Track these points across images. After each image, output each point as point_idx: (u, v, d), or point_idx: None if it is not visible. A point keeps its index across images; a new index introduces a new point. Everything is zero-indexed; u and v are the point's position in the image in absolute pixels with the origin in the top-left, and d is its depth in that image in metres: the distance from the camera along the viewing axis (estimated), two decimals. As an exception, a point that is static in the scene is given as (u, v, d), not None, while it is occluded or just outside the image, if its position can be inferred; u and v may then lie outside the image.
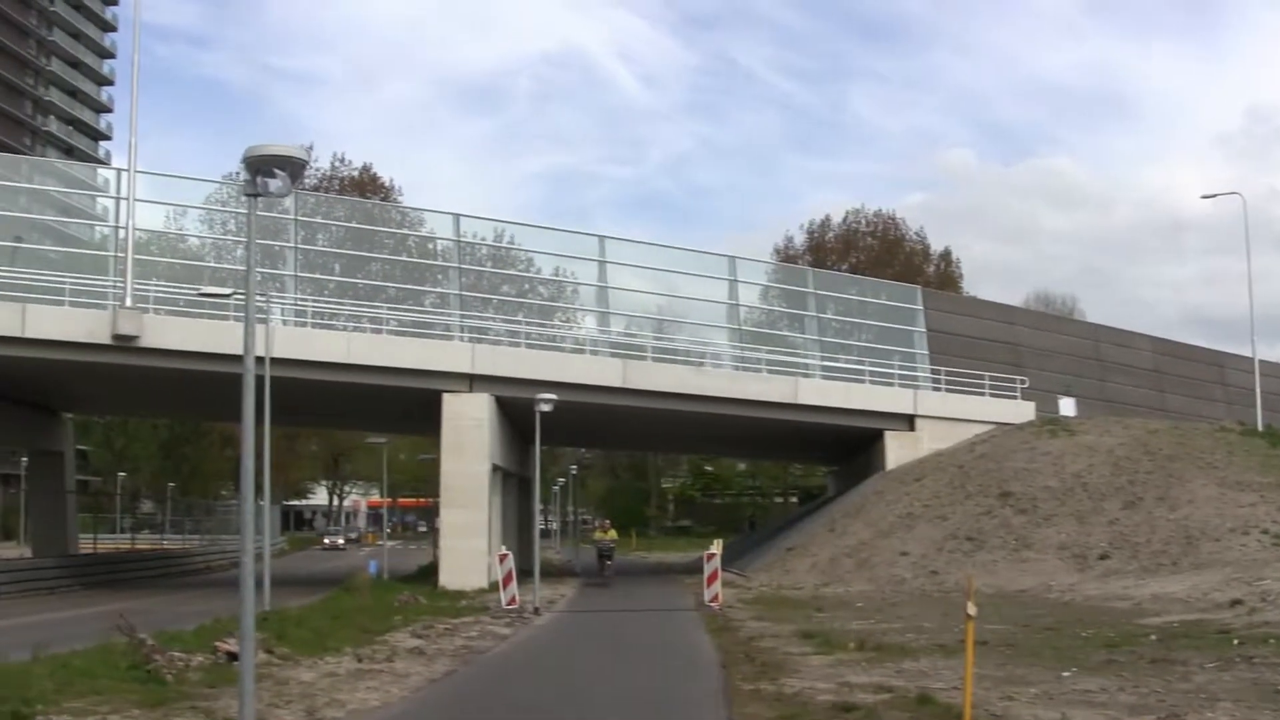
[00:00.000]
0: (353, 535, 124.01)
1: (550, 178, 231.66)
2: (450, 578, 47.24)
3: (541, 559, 44.05)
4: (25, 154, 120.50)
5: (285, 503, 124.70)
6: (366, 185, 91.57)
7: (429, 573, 52.85)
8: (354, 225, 55.76)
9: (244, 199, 56.42)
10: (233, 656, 21.38)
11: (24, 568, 53.31)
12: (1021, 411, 59.58)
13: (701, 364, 57.06)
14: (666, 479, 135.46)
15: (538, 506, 48.23)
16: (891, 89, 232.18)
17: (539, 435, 40.49)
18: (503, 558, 39.40)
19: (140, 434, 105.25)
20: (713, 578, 38.83)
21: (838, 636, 27.41)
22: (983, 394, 59.65)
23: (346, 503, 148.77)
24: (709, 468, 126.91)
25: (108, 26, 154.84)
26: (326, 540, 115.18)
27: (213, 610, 33.09)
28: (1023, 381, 60.97)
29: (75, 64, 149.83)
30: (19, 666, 20.58)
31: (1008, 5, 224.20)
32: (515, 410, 48.95)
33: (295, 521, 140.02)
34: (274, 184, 14.62)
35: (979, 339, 64.39)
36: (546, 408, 39.01)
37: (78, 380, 52.34)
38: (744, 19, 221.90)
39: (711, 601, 38.02)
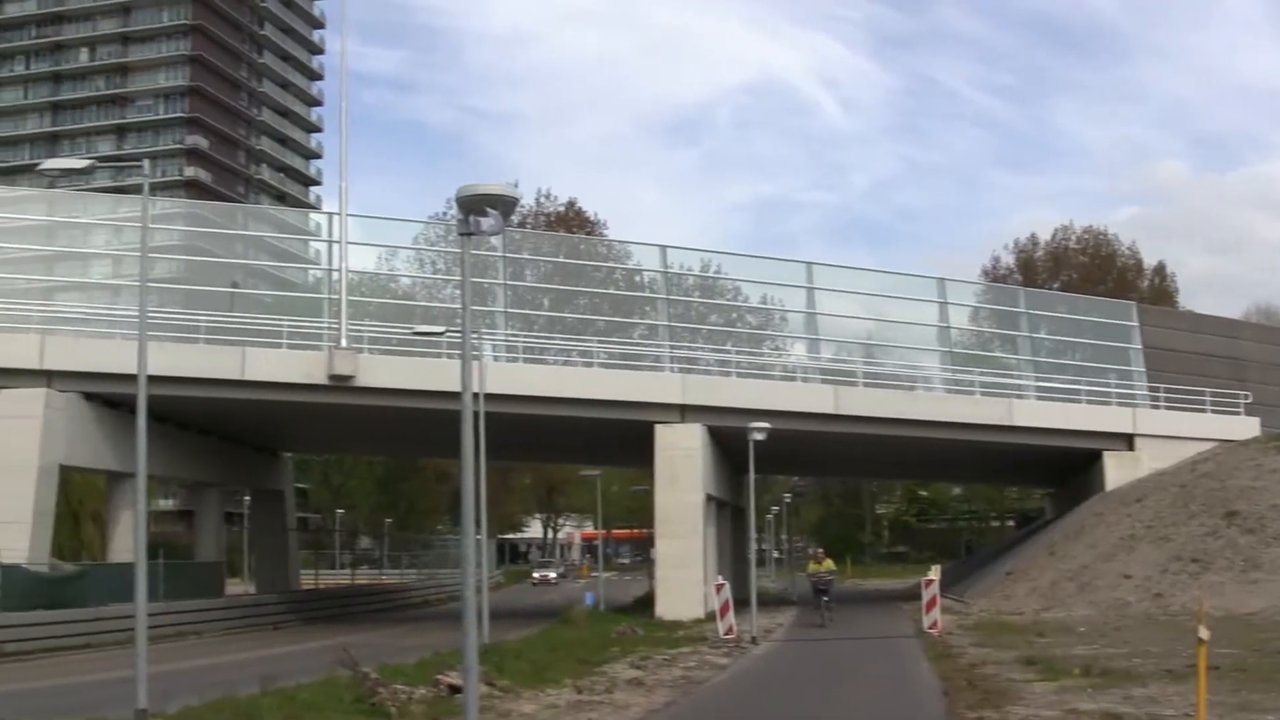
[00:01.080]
0: (560, 572, 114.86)
1: (754, 206, 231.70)
2: (666, 608, 47.21)
3: (757, 588, 43.83)
4: (240, 202, 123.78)
5: (500, 536, 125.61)
6: (571, 220, 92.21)
7: (645, 603, 52.85)
8: (561, 260, 56.19)
9: (451, 238, 57.34)
10: (454, 689, 21.54)
11: (249, 604, 54.47)
12: (1246, 428, 57.71)
13: (913, 388, 56.42)
14: (880, 505, 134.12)
15: (753, 535, 48.04)
16: (1095, 101, 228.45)
17: (752, 464, 40.31)
18: (719, 587, 39.29)
19: (357, 471, 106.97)
20: (931, 604, 38.37)
21: (1061, 662, 26.82)
22: (1204, 410, 57.91)
23: (560, 535, 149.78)
24: (923, 492, 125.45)
25: (314, 75, 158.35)
26: (536, 575, 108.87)
27: (432, 644, 33.41)
28: (1246, 397, 59.12)
29: (285, 113, 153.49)
30: (249, 699, 21.04)
31: (1201, 9, 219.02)
32: (727, 439, 48.83)
33: (510, 555, 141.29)
34: (486, 222, 14.75)
35: (1199, 354, 62.51)
36: (760, 436, 38.85)
37: (296, 420, 53.45)
38: (942, 37, 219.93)
39: (931, 628, 37.56)
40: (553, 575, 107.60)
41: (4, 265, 53.57)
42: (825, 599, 44.25)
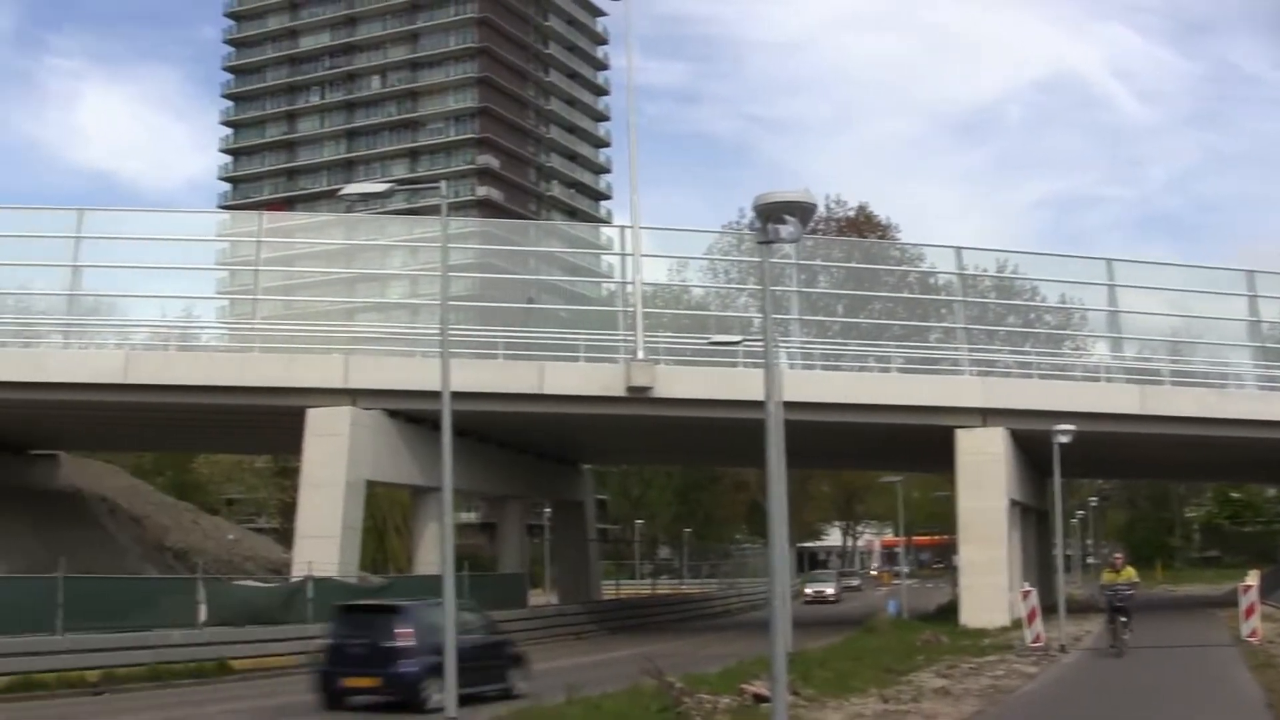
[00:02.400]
0: (853, 584, 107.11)
1: (1049, 204, 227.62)
2: (971, 615, 46.37)
3: (1065, 594, 42.75)
4: (532, 219, 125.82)
5: (800, 545, 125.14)
6: (863, 225, 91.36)
7: (949, 611, 52.07)
8: (853, 265, 55.64)
9: (743, 247, 57.22)
10: (759, 698, 21.42)
11: (552, 614, 55.13)
12: None
13: (1224, 386, 54.39)
14: (1190, 507, 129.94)
15: (1060, 540, 46.88)
16: None
17: (1057, 468, 39.33)
18: (1025, 594, 38.48)
19: (656, 482, 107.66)
20: (1250, 610, 36.94)
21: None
22: None
23: (860, 543, 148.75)
24: (1235, 494, 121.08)
25: (600, 91, 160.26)
26: (809, 590, 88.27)
27: (734, 653, 33.38)
28: None
29: (572, 129, 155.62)
30: (555, 708, 21.31)
31: None
32: (1029, 443, 47.79)
33: (810, 563, 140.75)
34: (785, 230, 14.59)
35: None
36: (1065, 439, 37.87)
37: (594, 432, 53.94)
38: (1245, 20, 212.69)
39: (1250, 636, 36.15)
40: (830, 590, 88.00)
41: (308, 288, 55.38)
42: (1123, 618, 35.07)
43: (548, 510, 72.06)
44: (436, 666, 23.05)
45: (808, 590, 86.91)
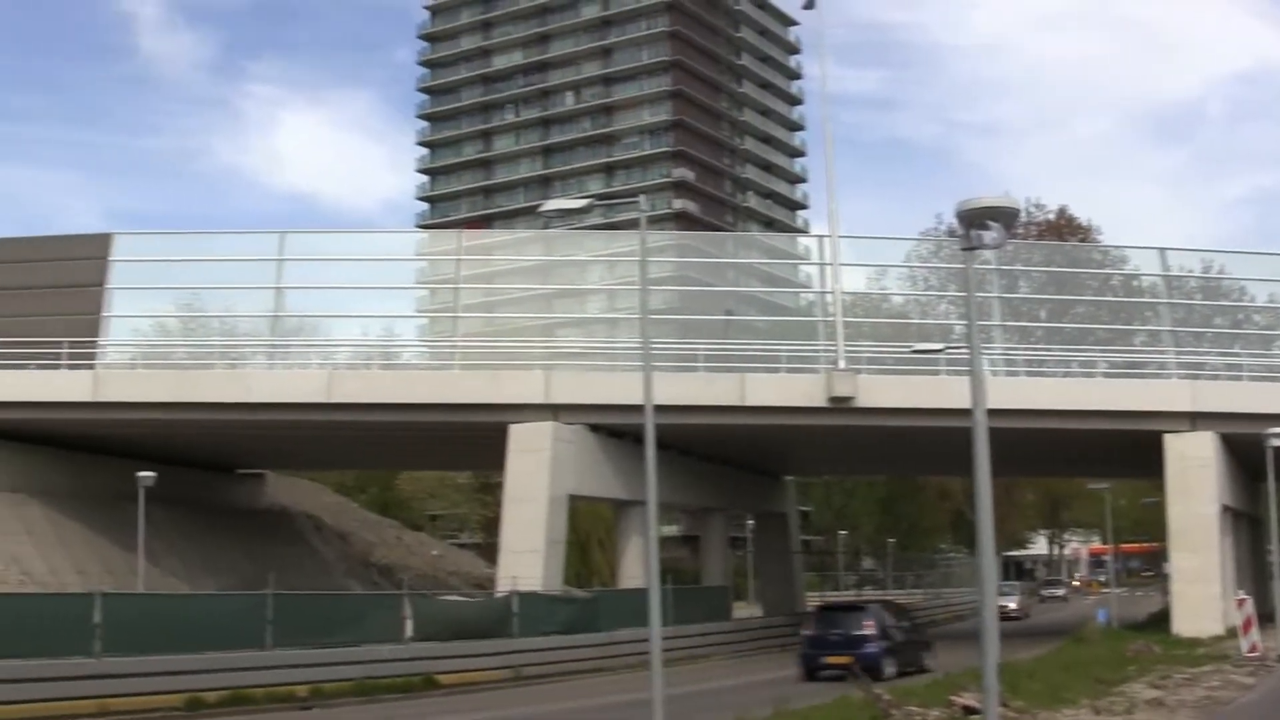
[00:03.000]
0: (1060, 593, 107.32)
1: (1252, 200, 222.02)
2: (1183, 624, 45.17)
3: (1282, 603, 41.45)
4: (729, 231, 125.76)
5: (1005, 554, 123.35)
6: (1063, 227, 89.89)
7: (1160, 620, 50.85)
8: (1055, 269, 54.60)
9: (942, 254, 56.44)
10: (969, 710, 21.07)
11: (757, 626, 54.88)
12: None
13: None
14: None
15: (1276, 547, 45.49)
16: None
17: (1272, 472, 38.21)
18: (1240, 602, 37.49)
19: (858, 492, 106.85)
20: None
21: None
22: None
23: (1066, 551, 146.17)
24: None
25: (794, 100, 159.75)
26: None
27: (941, 664, 32.87)
28: None
29: (767, 139, 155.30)
30: (762, 720, 21.11)
31: None
32: (1240, 447, 46.45)
33: (1015, 572, 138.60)
34: (988, 235, 14.32)
35: None
36: (1279, 442, 36.80)
37: (796, 443, 53.63)
38: None
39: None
40: (1012, 604, 74.94)
41: (508, 305, 55.80)
42: None
43: (750, 522, 71.81)
44: (888, 648, 36.62)
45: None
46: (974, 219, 14.19)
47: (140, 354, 52.10)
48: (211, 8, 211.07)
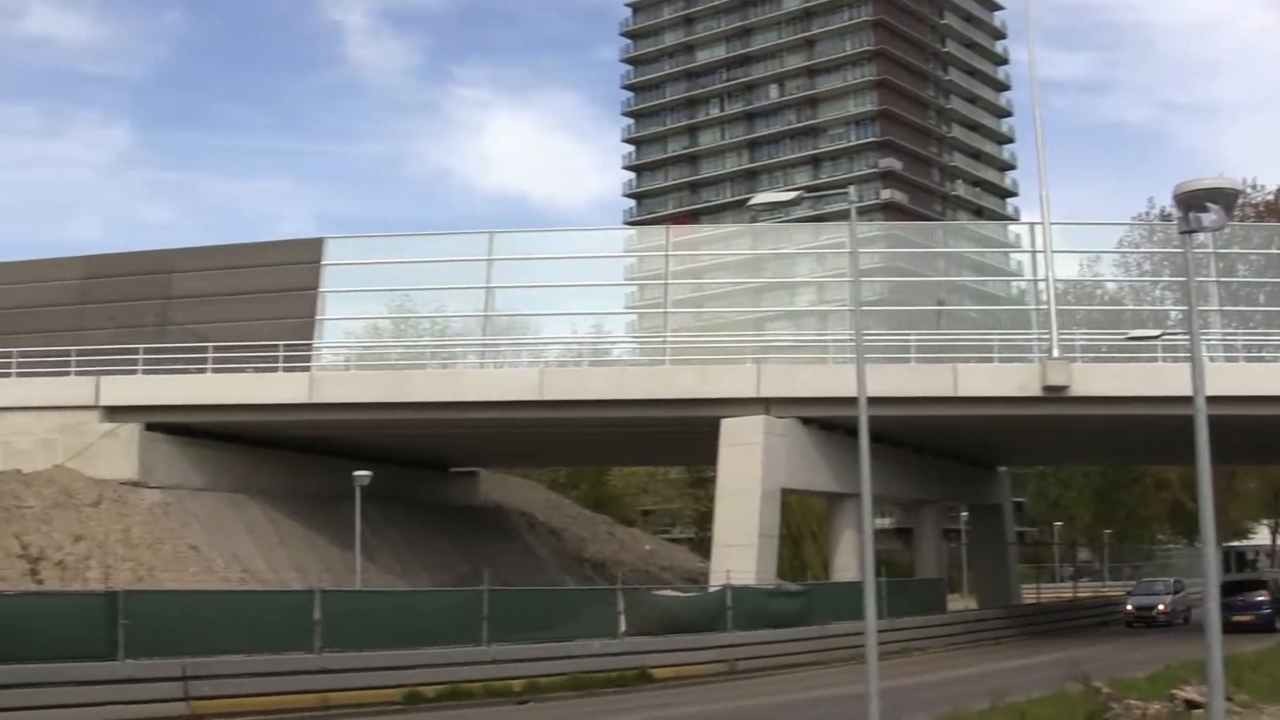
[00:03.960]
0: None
1: None
2: None
3: None
4: (937, 220, 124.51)
5: (1226, 544, 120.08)
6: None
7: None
8: (1275, 251, 53.03)
9: (1156, 238, 55.16)
10: (1191, 705, 20.51)
11: (971, 619, 54.25)
12: None
13: None
14: None
15: None
16: None
17: None
18: None
19: (1074, 482, 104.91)
20: None
21: None
22: None
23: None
24: None
25: (1001, 86, 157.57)
26: (1132, 606, 63.14)
27: (1160, 656, 32.17)
28: None
29: (974, 127, 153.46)
30: (979, 714, 20.90)
31: None
32: None
33: (1236, 563, 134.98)
34: (1207, 218, 13.89)
35: None
36: None
37: (1009, 434, 52.84)
38: None
39: None
40: (1162, 605, 60.94)
41: (717, 299, 55.74)
42: None
43: (964, 514, 71.00)
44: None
45: (1130, 606, 61.83)
46: (1193, 201, 13.79)
47: (354, 356, 53.05)
48: (416, 14, 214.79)
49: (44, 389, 48.30)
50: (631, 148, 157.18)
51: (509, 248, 51.81)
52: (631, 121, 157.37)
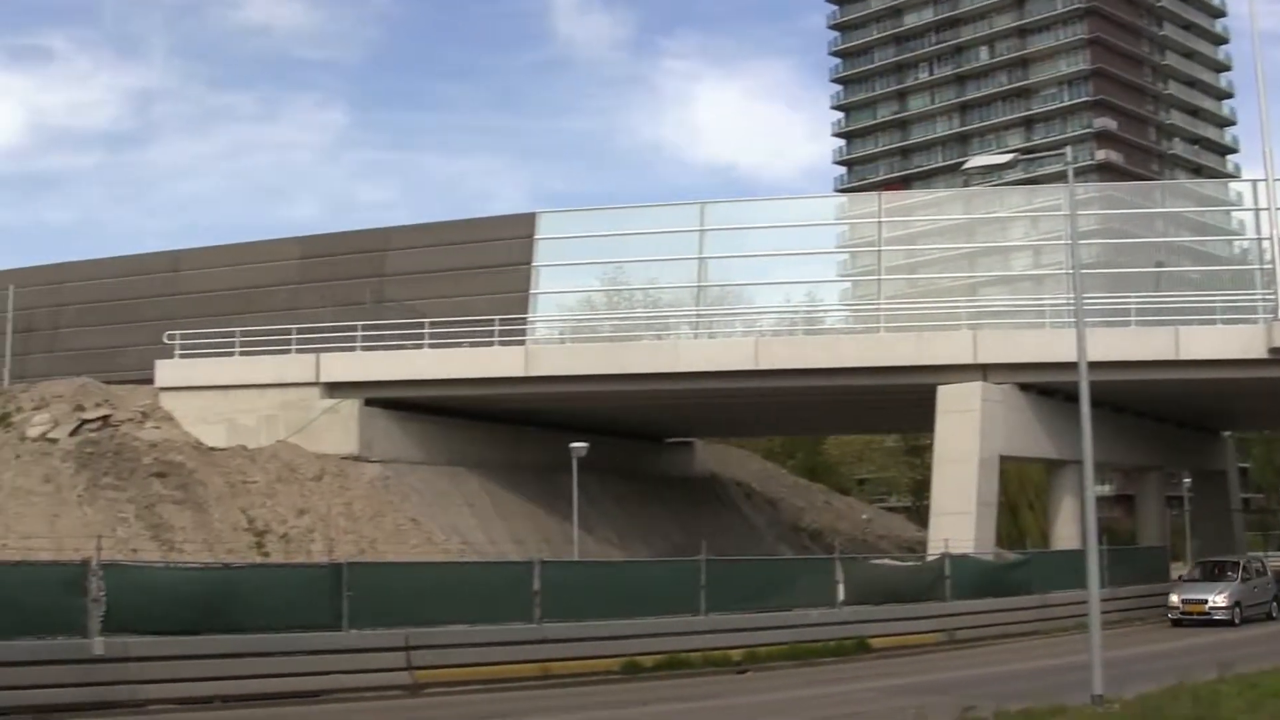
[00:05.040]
0: None
1: None
2: None
3: None
4: (1154, 180, 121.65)
5: None
6: None
7: None
8: None
9: None
10: None
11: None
12: None
13: None
14: None
15: None
16: None
17: None
18: None
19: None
20: None
21: None
22: None
23: None
24: None
25: (1219, 40, 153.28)
26: (1177, 598, 43.59)
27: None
28: None
29: (1192, 83, 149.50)
30: (1206, 686, 20.61)
31: None
32: None
33: None
34: None
35: None
36: None
37: (1233, 397, 51.46)
38: None
39: None
40: (1221, 600, 42.41)
41: (930, 265, 55.13)
42: None
43: (1187, 480, 69.44)
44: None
45: (1175, 599, 43.46)
46: None
47: (568, 329, 53.47)
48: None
49: (266, 367, 49.54)
50: (841, 114, 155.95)
51: (720, 218, 51.84)
52: (840, 88, 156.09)
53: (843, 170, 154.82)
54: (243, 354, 50.56)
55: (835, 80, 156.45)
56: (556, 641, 28.86)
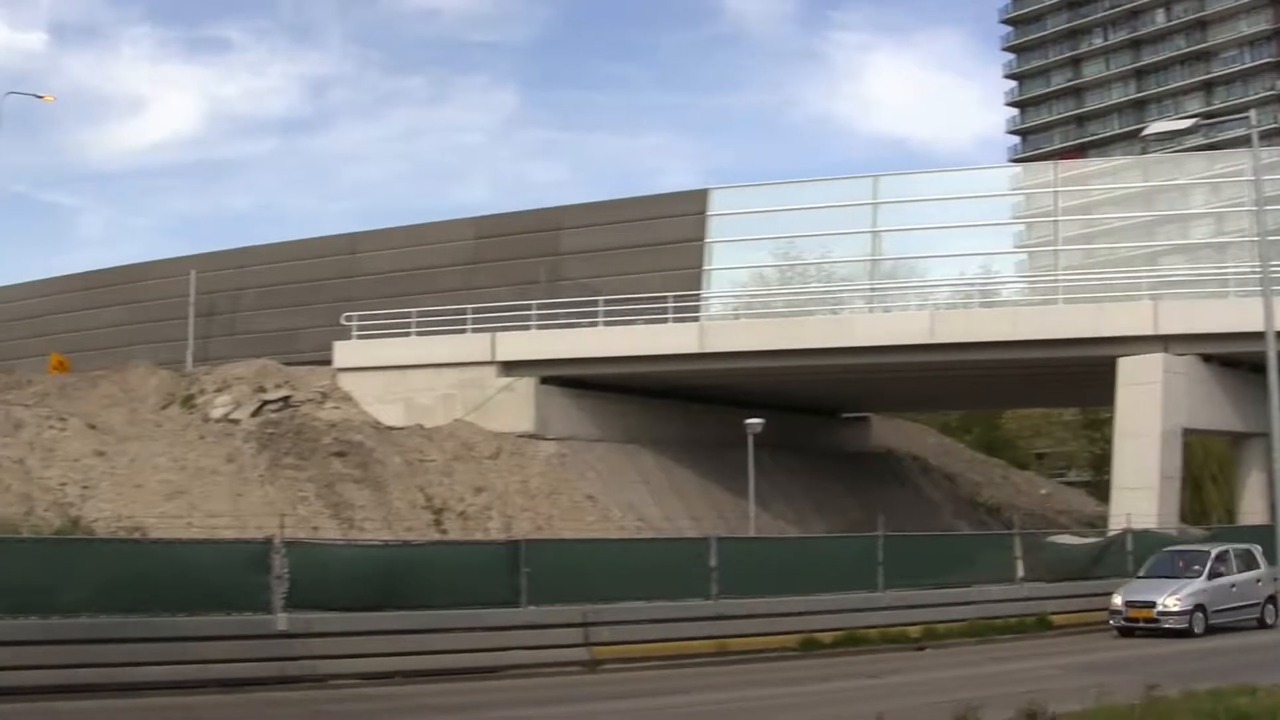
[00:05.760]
0: None
1: None
2: None
3: None
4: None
5: None
6: None
7: None
8: None
9: None
10: None
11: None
12: None
13: None
14: None
15: None
16: None
17: None
18: None
19: None
20: None
21: None
22: None
23: None
24: None
25: None
26: (1119, 600, 33.78)
27: None
28: None
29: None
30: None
31: None
32: None
33: None
34: None
35: None
36: None
37: None
38: None
39: None
40: (1173, 602, 32.62)
41: (1108, 235, 54.13)
42: None
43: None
44: None
45: (1118, 600, 33.83)
46: None
47: (741, 305, 53.37)
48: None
49: (443, 346, 50.12)
50: (1014, 83, 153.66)
51: (893, 191, 51.44)
52: (1013, 56, 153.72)
53: (1016, 140, 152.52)
54: (419, 334, 51.19)
55: (1007, 48, 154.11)
56: (733, 618, 28.80)
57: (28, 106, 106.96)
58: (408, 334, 51.29)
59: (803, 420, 57.10)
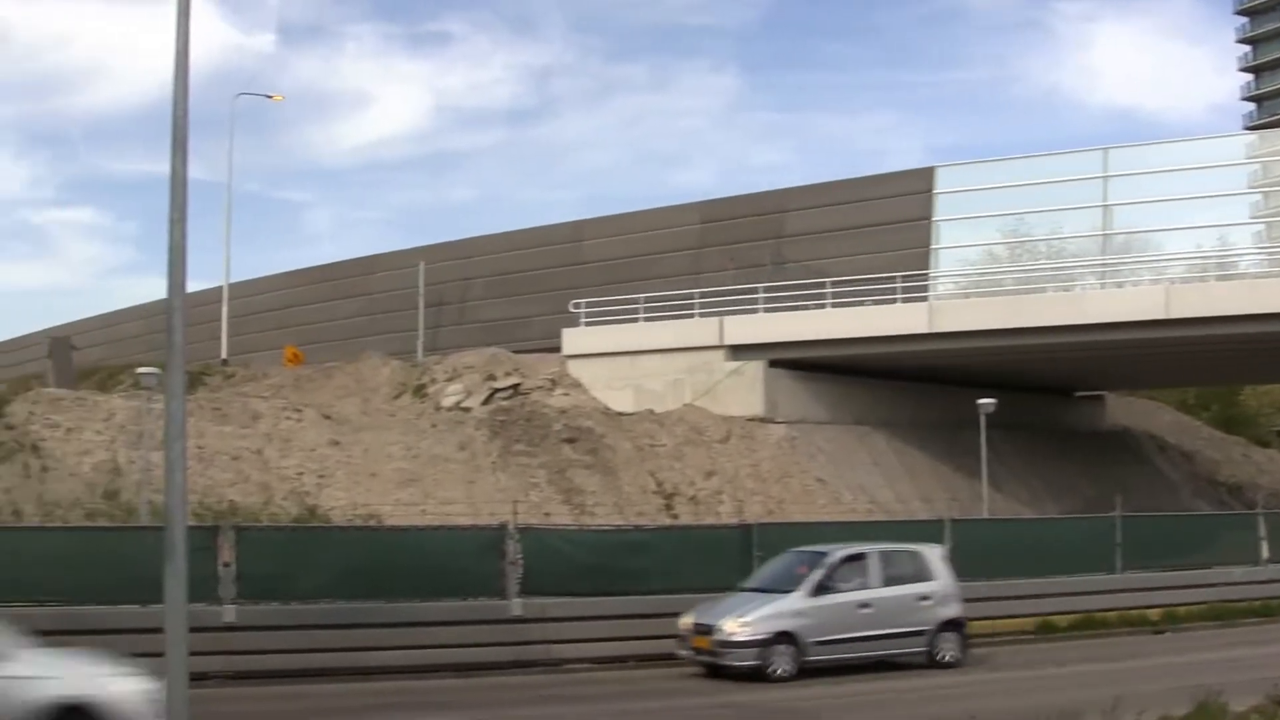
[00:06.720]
0: None
1: None
2: None
3: None
4: None
5: None
6: None
7: None
8: None
9: None
10: None
11: None
12: None
13: None
14: None
15: None
16: None
17: None
18: None
19: None
20: None
21: None
22: None
23: None
24: None
25: None
26: (685, 622, 24.73)
27: None
28: None
29: None
30: None
31: None
32: None
33: None
34: None
35: None
36: None
37: None
38: None
39: None
40: (739, 628, 23.38)
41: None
42: None
43: None
44: None
45: (688, 621, 24.10)
46: None
47: (970, 283, 52.78)
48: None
49: (670, 331, 50.31)
50: (1248, 48, 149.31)
51: (1124, 163, 50.44)
52: (1246, 20, 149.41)
53: (1252, 107, 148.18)
54: (646, 319, 51.46)
55: (1240, 11, 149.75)
56: (968, 600, 28.53)
57: (259, 107, 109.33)
58: (635, 320, 51.60)
59: (1035, 399, 56.21)
